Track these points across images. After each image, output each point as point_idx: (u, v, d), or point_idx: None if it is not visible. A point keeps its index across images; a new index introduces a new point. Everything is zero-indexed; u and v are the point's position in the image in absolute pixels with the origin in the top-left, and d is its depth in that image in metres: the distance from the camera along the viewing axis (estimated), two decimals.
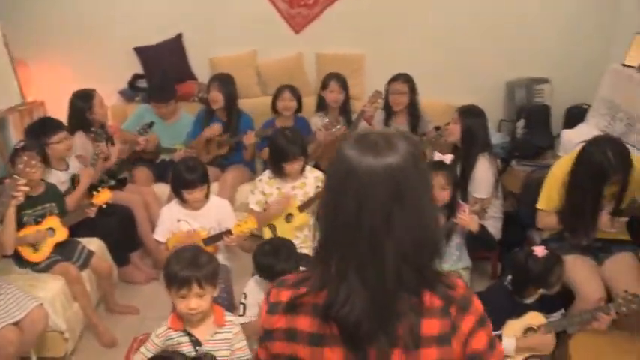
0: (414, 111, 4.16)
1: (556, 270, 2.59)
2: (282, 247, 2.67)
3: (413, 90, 4.11)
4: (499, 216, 3.62)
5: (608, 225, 2.84)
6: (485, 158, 3.49)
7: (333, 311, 1.14)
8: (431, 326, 1.16)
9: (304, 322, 1.21)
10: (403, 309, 1.15)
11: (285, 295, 1.25)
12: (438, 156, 3.19)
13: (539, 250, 2.61)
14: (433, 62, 4.80)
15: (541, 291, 2.61)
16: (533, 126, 4.60)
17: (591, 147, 2.81)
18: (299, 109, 4.33)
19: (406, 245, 1.13)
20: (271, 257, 2.61)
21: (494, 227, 3.52)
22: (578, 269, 2.86)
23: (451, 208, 3.09)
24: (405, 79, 4.08)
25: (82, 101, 3.96)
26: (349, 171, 1.13)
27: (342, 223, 1.14)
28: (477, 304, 1.23)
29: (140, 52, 4.95)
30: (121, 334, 3.36)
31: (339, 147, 1.19)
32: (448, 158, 3.14)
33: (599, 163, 2.73)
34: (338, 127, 3.96)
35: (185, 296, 2.15)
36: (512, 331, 2.59)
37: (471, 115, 3.56)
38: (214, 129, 4.26)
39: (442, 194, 3.06)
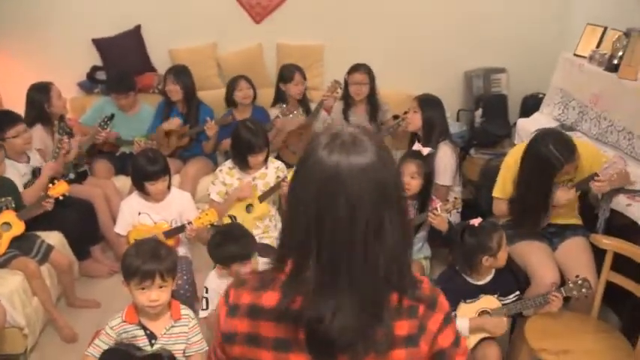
0: (373, 101, 4.19)
1: (494, 235, 2.62)
2: (233, 231, 2.70)
3: (372, 80, 4.15)
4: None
5: (563, 196, 2.90)
6: (447, 145, 3.56)
7: (322, 325, 1.08)
8: (401, 327, 1.14)
9: (268, 328, 1.16)
10: (386, 314, 1.12)
11: (246, 298, 1.19)
12: (417, 146, 3.23)
13: (475, 221, 2.67)
14: (392, 52, 4.85)
15: (486, 259, 2.63)
16: (490, 115, 4.68)
17: (535, 143, 2.87)
18: (254, 98, 4.36)
19: (396, 247, 1.11)
20: (224, 245, 2.62)
21: (453, 215, 3.58)
22: (533, 254, 2.93)
23: (422, 201, 3.14)
24: (365, 69, 4.12)
25: (40, 94, 3.90)
26: (331, 175, 1.07)
27: (325, 232, 1.08)
28: (443, 302, 1.21)
29: (98, 43, 4.86)
30: (82, 329, 3.32)
31: (310, 150, 1.12)
32: (425, 150, 3.18)
33: (545, 157, 2.79)
34: (294, 112, 4.01)
35: (146, 288, 2.15)
36: (466, 314, 2.64)
37: (430, 103, 3.62)
38: (173, 122, 4.24)
39: (412, 182, 3.09)
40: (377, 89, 4.23)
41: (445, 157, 3.53)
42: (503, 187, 3.09)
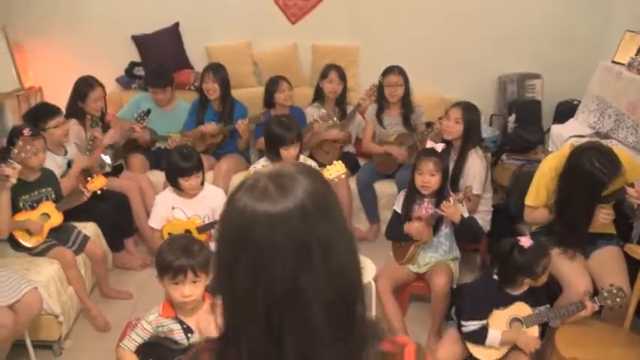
0: (406, 103, 4.19)
1: (542, 260, 2.61)
2: None
3: (406, 82, 4.15)
4: (489, 209, 3.68)
5: (601, 215, 2.85)
6: (476, 153, 3.54)
7: None
8: None
9: None
10: None
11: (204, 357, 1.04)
12: (430, 143, 3.23)
13: (525, 241, 2.64)
14: (427, 55, 4.84)
15: (528, 281, 2.65)
16: (524, 121, 4.65)
17: (577, 159, 2.80)
18: None
19: (329, 294, 0.93)
20: None
21: (483, 220, 3.58)
22: (565, 263, 2.90)
23: (441, 197, 3.15)
24: (399, 71, 4.12)
25: (83, 88, 4.00)
26: (245, 222, 0.92)
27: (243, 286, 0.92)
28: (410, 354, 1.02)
29: (137, 40, 4.97)
30: (114, 319, 3.40)
31: (233, 195, 0.97)
32: (439, 147, 3.18)
33: (591, 174, 2.72)
34: (334, 118, 4.04)
35: (180, 284, 2.18)
36: (498, 321, 2.65)
37: (470, 113, 3.58)
38: (210, 127, 4.29)
39: (431, 180, 3.10)
40: (411, 91, 4.23)
41: (474, 166, 3.51)
42: (536, 194, 3.07)
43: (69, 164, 3.72)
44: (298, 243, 0.90)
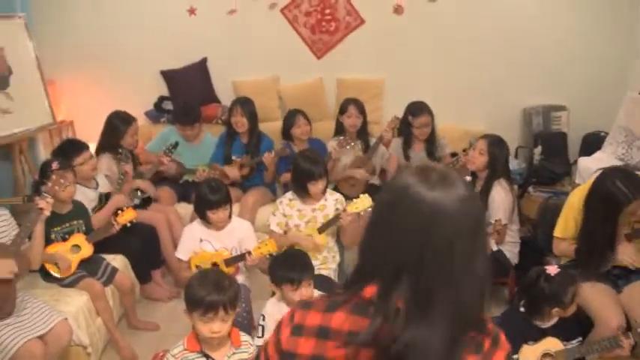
0: (431, 138, 4.22)
1: (570, 289, 2.57)
2: (294, 254, 2.78)
3: (433, 119, 4.18)
4: (516, 241, 3.65)
5: (632, 253, 2.84)
6: (500, 185, 3.52)
7: (411, 356, 1.08)
8: None
9: (335, 351, 1.15)
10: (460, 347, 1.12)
11: (313, 319, 1.19)
12: None
13: (552, 269, 2.61)
14: (451, 88, 4.89)
15: (556, 311, 2.61)
16: (550, 153, 4.64)
17: (601, 180, 2.84)
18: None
19: (484, 279, 1.13)
20: (282, 263, 2.69)
21: (511, 252, 3.55)
22: (596, 296, 2.86)
23: None
24: (429, 111, 4.15)
25: (120, 124, 4.09)
26: (432, 211, 1.09)
27: (427, 262, 1.09)
28: (504, 340, 1.22)
29: (166, 75, 5.09)
30: (141, 350, 3.40)
31: (403, 187, 1.12)
32: (466, 179, 3.18)
33: (612, 194, 2.75)
34: (352, 144, 4.06)
35: (210, 320, 2.18)
36: (528, 357, 2.60)
37: (497, 146, 3.58)
38: (233, 174, 4.35)
39: None
40: (436, 128, 4.25)
41: (497, 197, 3.49)
42: (565, 226, 3.05)
43: (100, 197, 3.78)
44: (474, 217, 1.11)
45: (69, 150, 3.68)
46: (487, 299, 1.18)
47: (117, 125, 4.09)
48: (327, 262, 3.38)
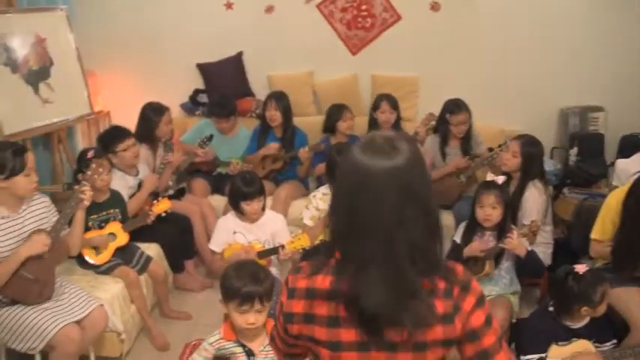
0: (468, 136, 4.18)
1: (599, 287, 2.54)
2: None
3: (470, 117, 4.15)
4: (549, 242, 3.61)
5: None
6: (534, 186, 3.49)
7: (360, 302, 1.25)
8: (437, 307, 1.29)
9: (321, 307, 1.34)
10: (422, 292, 1.27)
11: (301, 283, 1.38)
12: (490, 176, 3.21)
13: (581, 268, 2.58)
14: (487, 87, 4.84)
15: (585, 310, 2.57)
16: (586, 154, 4.57)
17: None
18: None
19: (416, 235, 1.25)
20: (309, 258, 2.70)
21: (544, 253, 3.51)
22: (633, 300, 2.81)
23: (502, 230, 3.12)
24: (467, 109, 4.10)
25: (153, 114, 4.14)
26: (362, 175, 1.24)
27: (359, 221, 1.26)
28: (476, 286, 1.36)
29: (202, 68, 5.15)
30: (173, 339, 3.46)
31: (348, 153, 1.31)
32: (500, 179, 3.16)
33: None
34: None
35: (245, 312, 2.20)
36: (558, 356, 2.58)
37: (531, 149, 3.55)
38: (271, 147, 4.38)
39: (493, 213, 3.09)
40: (473, 125, 4.22)
41: (531, 198, 3.45)
42: (602, 228, 3.01)
43: (139, 185, 3.85)
44: (402, 186, 1.24)
45: (112, 137, 3.75)
46: (431, 253, 1.31)
47: (150, 116, 4.15)
48: None
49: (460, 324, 1.31)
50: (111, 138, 3.73)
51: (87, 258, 3.35)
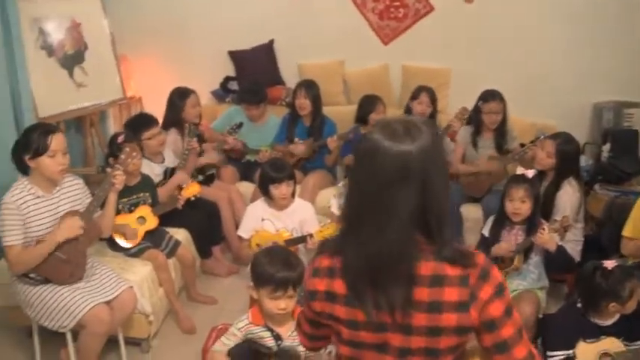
0: (502, 129, 4.13)
1: (627, 283, 2.51)
2: None
3: (505, 108, 4.10)
4: (579, 239, 3.57)
5: None
6: (570, 184, 3.44)
7: (345, 259, 1.34)
8: (451, 294, 1.29)
9: (339, 285, 1.37)
10: (412, 252, 1.29)
11: (324, 261, 1.41)
12: (520, 169, 3.18)
13: (610, 263, 2.55)
14: (519, 80, 4.76)
15: (613, 306, 2.53)
16: (619, 150, 4.48)
17: None
18: None
19: (416, 211, 1.27)
20: None
21: (573, 250, 3.47)
22: None
23: (531, 224, 3.09)
24: (500, 98, 4.06)
25: (178, 99, 4.17)
26: (372, 152, 1.28)
27: (363, 193, 1.31)
28: (496, 275, 1.34)
29: (234, 55, 5.17)
30: (199, 323, 3.49)
31: (369, 131, 1.35)
32: (530, 173, 3.13)
33: None
34: None
35: (278, 297, 2.21)
36: (585, 354, 2.56)
37: (566, 146, 3.49)
38: (299, 149, 4.40)
39: (522, 207, 3.06)
40: (508, 117, 4.17)
41: (565, 196, 3.41)
42: (634, 226, 2.98)
43: (165, 172, 3.89)
44: (415, 171, 1.26)
45: (138, 124, 3.79)
46: (449, 236, 1.32)
47: (175, 100, 4.19)
48: None
49: (476, 313, 1.30)
50: (137, 125, 3.78)
51: (117, 240, 3.40)
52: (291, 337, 2.30)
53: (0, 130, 3.53)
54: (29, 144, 2.70)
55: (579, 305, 2.68)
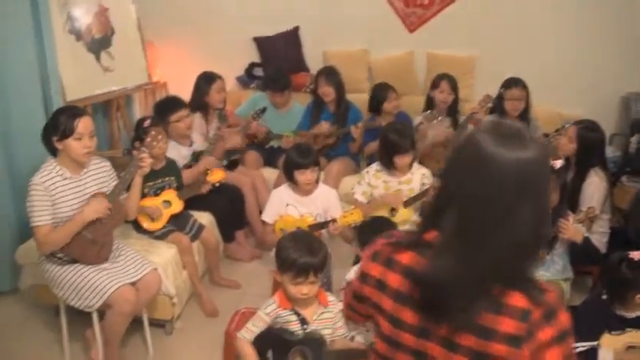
0: (525, 117, 4.10)
1: None
2: (384, 224, 2.81)
3: (528, 96, 4.05)
4: (606, 231, 3.53)
5: None
6: (596, 174, 3.40)
7: (426, 277, 1.22)
8: (507, 325, 1.17)
9: (395, 279, 1.31)
10: (489, 297, 1.19)
11: (385, 249, 1.36)
12: None
13: (636, 254, 2.51)
14: (546, 69, 4.71)
15: (639, 298, 2.53)
16: None
17: None
18: None
19: (516, 240, 1.16)
20: (371, 229, 2.75)
21: (599, 242, 3.43)
22: None
23: (557, 215, 3.06)
24: (523, 85, 4.02)
25: (204, 83, 4.20)
26: (482, 157, 1.17)
27: (464, 202, 1.20)
28: (563, 319, 1.21)
29: (259, 41, 5.18)
30: (221, 306, 3.53)
31: (473, 131, 1.24)
32: (557, 163, 3.09)
33: None
34: (439, 118, 4.00)
35: (300, 283, 2.22)
36: (610, 345, 2.53)
37: (588, 133, 3.44)
38: (322, 127, 4.39)
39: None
40: (531, 106, 4.13)
41: (592, 186, 3.37)
42: None
43: (193, 155, 3.91)
44: (525, 181, 1.16)
45: (166, 106, 3.82)
46: (532, 265, 1.23)
47: (201, 83, 4.22)
48: None
49: (528, 352, 1.17)
50: (165, 108, 3.80)
51: (142, 224, 3.44)
52: (316, 320, 2.31)
53: (29, 114, 3.57)
54: (57, 126, 2.73)
55: (604, 297, 2.65)
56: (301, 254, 2.20)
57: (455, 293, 1.18)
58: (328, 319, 2.34)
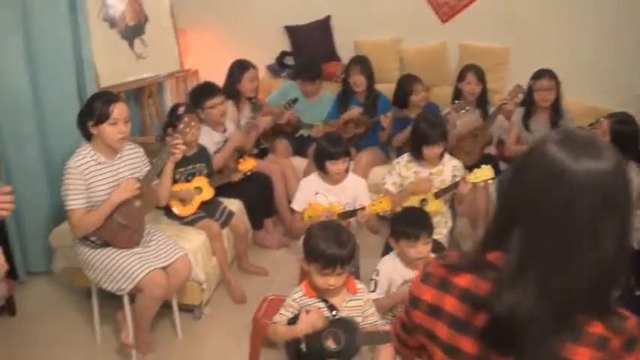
0: (557, 108, 4.03)
1: None
2: (417, 215, 2.79)
3: (558, 87, 3.99)
4: (638, 227, 3.47)
5: None
6: (630, 169, 3.35)
7: (496, 307, 1.07)
8: (582, 354, 1.05)
9: (452, 304, 1.18)
10: (569, 328, 1.06)
11: (439, 270, 1.23)
12: None
13: None
14: (581, 62, 4.62)
15: None
16: None
17: None
18: None
19: (600, 261, 1.03)
20: (404, 219, 2.73)
21: (632, 238, 3.39)
22: None
23: None
24: (552, 75, 3.96)
25: (237, 71, 4.22)
26: (555, 173, 1.05)
27: (534, 223, 1.07)
28: None
29: (290, 30, 5.19)
30: (250, 293, 3.56)
31: (540, 143, 1.11)
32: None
33: None
34: (467, 108, 3.96)
35: (327, 274, 2.21)
36: None
37: (622, 126, 3.39)
38: (354, 111, 4.38)
39: None
40: (562, 97, 4.07)
41: None
42: None
43: (225, 142, 3.93)
44: (605, 194, 1.03)
45: (202, 92, 3.85)
46: (614, 290, 1.08)
47: (234, 71, 4.23)
48: (439, 226, 3.34)
49: None
50: (201, 93, 3.83)
51: (174, 209, 3.48)
52: (345, 307, 2.31)
53: (64, 99, 3.63)
54: (92, 111, 2.77)
55: (638, 293, 2.61)
56: (329, 245, 2.19)
57: (531, 327, 1.04)
58: (357, 307, 2.34)
